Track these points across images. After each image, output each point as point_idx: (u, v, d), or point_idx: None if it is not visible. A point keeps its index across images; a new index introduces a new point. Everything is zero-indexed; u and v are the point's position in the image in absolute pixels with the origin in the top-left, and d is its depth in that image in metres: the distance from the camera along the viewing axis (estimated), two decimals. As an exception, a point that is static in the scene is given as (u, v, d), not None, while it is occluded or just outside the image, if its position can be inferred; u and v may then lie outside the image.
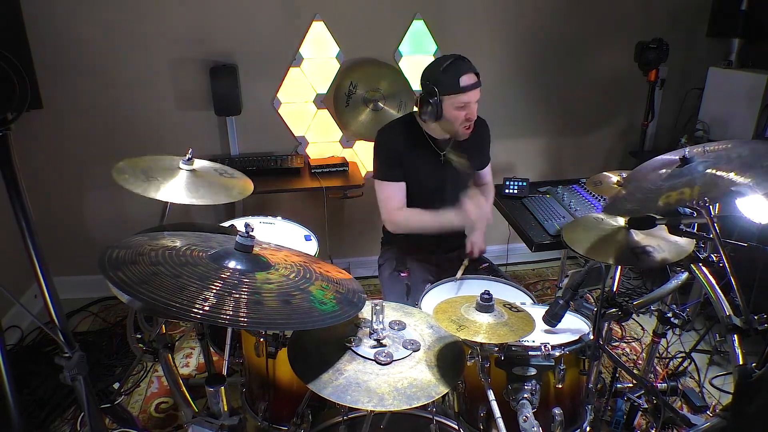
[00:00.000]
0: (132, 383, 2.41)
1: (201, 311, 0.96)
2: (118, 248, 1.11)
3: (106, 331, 2.77)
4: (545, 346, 1.40)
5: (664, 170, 1.43)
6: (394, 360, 1.23)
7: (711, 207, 1.28)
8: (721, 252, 1.35)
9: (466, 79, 1.86)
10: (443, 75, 1.87)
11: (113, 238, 1.18)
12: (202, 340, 2.03)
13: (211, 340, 2.05)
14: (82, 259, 2.85)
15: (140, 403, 2.32)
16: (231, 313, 0.98)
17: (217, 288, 1.03)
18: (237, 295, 1.03)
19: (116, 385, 2.24)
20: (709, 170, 1.28)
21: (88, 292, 2.98)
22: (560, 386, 1.45)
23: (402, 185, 2.03)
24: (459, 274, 1.95)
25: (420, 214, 2.01)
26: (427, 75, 1.94)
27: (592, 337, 1.47)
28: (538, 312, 1.48)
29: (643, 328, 2.88)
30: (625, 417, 2.01)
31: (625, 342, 2.79)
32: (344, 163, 2.91)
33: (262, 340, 1.54)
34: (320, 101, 2.99)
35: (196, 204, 1.59)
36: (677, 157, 1.38)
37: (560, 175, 3.29)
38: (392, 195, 2.03)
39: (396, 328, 1.35)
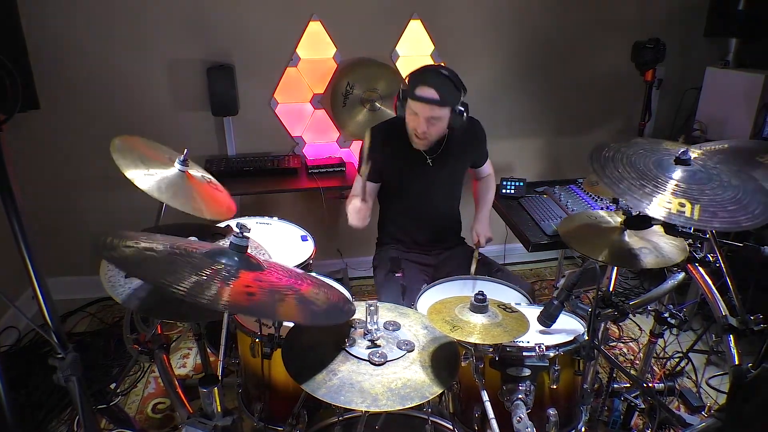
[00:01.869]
0: (129, 384, 2.41)
1: (185, 289, 0.96)
2: (112, 236, 1.12)
3: (103, 331, 2.76)
4: (539, 347, 1.40)
5: (655, 152, 1.40)
6: (388, 360, 1.23)
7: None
8: (718, 252, 1.35)
9: (422, 91, 1.88)
10: (410, 77, 1.95)
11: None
12: (199, 341, 2.03)
13: (208, 340, 2.05)
14: (80, 259, 2.85)
15: (137, 403, 2.32)
16: (214, 294, 0.98)
17: (208, 274, 1.04)
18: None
19: (113, 386, 2.24)
20: (707, 192, 1.24)
21: (85, 292, 2.97)
22: (555, 387, 1.45)
23: (359, 180, 2.05)
24: (473, 269, 1.98)
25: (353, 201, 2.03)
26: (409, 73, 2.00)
27: (587, 338, 1.47)
28: (533, 312, 1.48)
29: (640, 328, 2.88)
30: (622, 417, 2.01)
31: (622, 342, 2.79)
32: (341, 164, 2.90)
33: (257, 340, 1.55)
34: (317, 101, 2.98)
35: (184, 210, 1.57)
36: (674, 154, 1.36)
37: (557, 175, 3.28)
38: (355, 184, 2.15)
39: (390, 328, 1.35)
